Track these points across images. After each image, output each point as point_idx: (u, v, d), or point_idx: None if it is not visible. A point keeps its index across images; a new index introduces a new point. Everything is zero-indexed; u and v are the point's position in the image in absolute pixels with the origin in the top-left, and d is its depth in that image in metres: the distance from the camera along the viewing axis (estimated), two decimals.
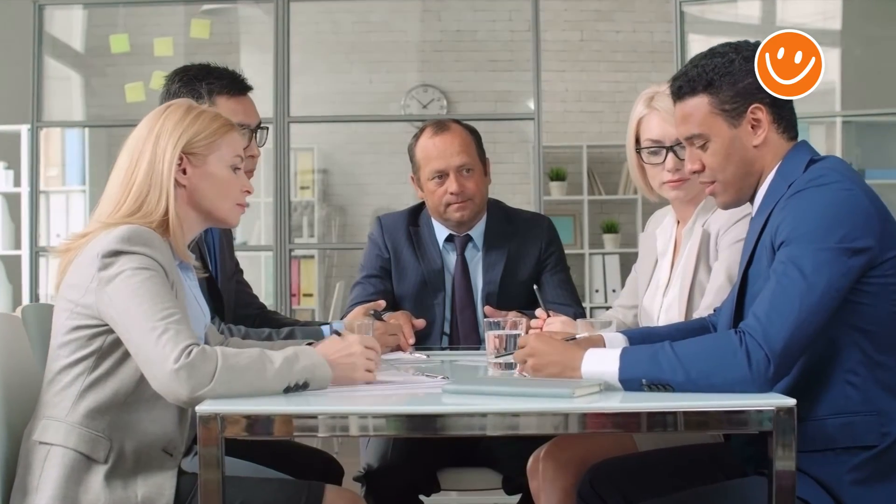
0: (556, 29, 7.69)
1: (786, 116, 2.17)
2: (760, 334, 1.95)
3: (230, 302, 2.90)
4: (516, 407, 1.89)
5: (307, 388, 2.04)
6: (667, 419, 1.87)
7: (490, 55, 7.85)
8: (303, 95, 6.83)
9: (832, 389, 2.04)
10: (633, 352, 2.03)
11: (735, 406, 1.88)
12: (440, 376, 2.26)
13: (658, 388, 1.97)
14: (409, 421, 1.88)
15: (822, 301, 1.97)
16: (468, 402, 1.97)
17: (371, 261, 3.28)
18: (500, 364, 2.35)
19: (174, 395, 1.98)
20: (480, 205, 3.22)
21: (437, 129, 3.21)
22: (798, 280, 1.97)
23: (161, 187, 2.17)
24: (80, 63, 6.66)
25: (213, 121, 2.24)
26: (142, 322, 2.00)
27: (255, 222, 7.57)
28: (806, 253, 1.98)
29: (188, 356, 1.96)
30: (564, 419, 1.87)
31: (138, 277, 2.04)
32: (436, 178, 3.17)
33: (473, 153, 3.20)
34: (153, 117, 2.23)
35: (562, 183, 7.84)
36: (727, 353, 1.95)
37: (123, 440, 2.10)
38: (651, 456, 2.42)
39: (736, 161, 2.16)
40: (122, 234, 2.08)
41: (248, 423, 1.87)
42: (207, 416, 1.85)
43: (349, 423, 1.87)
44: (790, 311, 1.96)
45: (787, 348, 1.95)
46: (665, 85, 2.42)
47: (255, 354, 2.02)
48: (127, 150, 2.22)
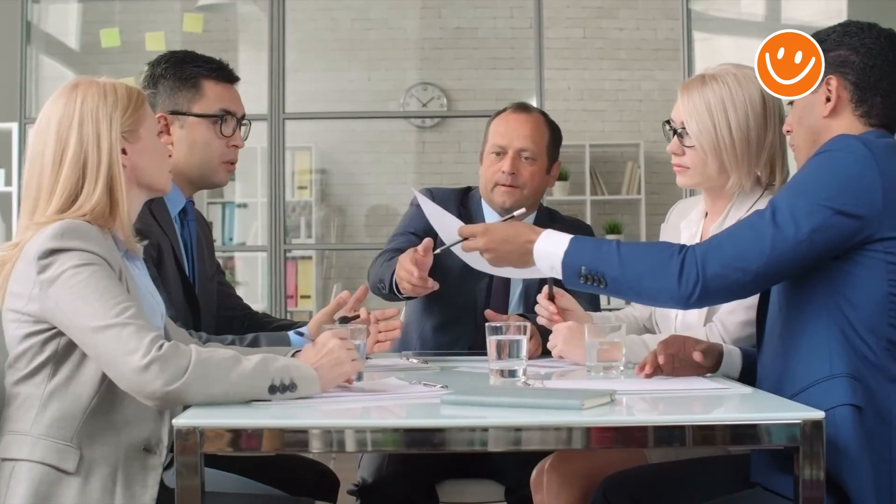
0: (558, 26, 7.63)
1: (873, 103, 2.12)
2: (700, 253, 1.98)
3: (209, 305, 2.77)
4: (519, 420, 1.76)
5: (295, 389, 1.91)
6: (673, 434, 1.75)
7: (491, 53, 7.81)
8: (300, 93, 6.84)
9: (812, 357, 1.99)
10: (583, 240, 2.11)
11: (755, 420, 1.75)
12: (439, 385, 2.12)
13: (593, 281, 2.01)
14: (402, 435, 1.74)
15: (779, 246, 1.95)
16: (468, 415, 1.83)
17: (414, 222, 3.11)
18: (503, 371, 2.22)
19: (145, 391, 1.86)
20: (530, 197, 3.11)
21: (518, 108, 3.18)
22: (766, 218, 1.98)
23: (98, 175, 2.03)
24: (75, 61, 6.60)
25: (128, 91, 2.10)
26: (96, 321, 1.88)
27: (252, 223, 7.48)
28: (787, 198, 1.99)
29: (159, 349, 1.85)
30: (568, 433, 1.74)
31: (82, 275, 1.92)
32: (495, 152, 3.10)
33: (541, 144, 3.11)
34: (64, 102, 2.05)
35: (564, 183, 7.79)
36: (663, 260, 2.00)
37: (96, 447, 1.98)
38: (668, 468, 2.29)
39: (805, 126, 2.17)
40: (55, 231, 1.95)
41: (232, 438, 1.73)
42: (186, 431, 1.71)
43: (318, 438, 1.73)
44: (739, 244, 1.97)
45: (719, 277, 1.96)
46: None
47: (229, 353, 1.92)
48: (43, 142, 2.05)
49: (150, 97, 2.68)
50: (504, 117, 3.15)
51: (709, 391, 2.06)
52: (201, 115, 2.69)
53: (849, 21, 2.19)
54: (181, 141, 2.68)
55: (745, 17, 6.67)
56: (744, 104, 2.43)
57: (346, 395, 2.00)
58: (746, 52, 2.44)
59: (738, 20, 6.56)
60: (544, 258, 2.13)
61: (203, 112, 2.69)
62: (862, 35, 2.14)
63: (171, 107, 2.69)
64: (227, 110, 2.71)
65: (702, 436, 1.74)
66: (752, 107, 2.43)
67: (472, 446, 1.73)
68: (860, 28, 2.15)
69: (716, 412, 1.83)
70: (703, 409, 1.91)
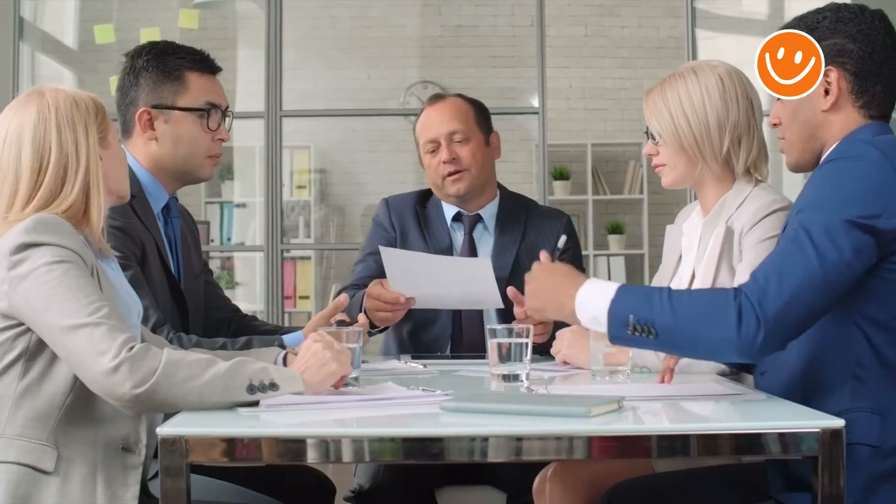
0: (559, 24, 7.58)
1: (874, 92, 2.04)
2: (756, 296, 1.82)
3: (196, 303, 2.69)
4: (523, 429, 1.66)
5: (277, 388, 1.85)
6: (679, 443, 1.66)
7: (492, 51, 7.74)
8: (299, 92, 6.81)
9: (837, 385, 1.91)
10: (631, 288, 1.93)
11: (769, 428, 1.66)
12: (438, 391, 2.03)
13: (642, 331, 1.84)
14: (399, 445, 1.65)
15: (830, 274, 1.84)
16: (469, 423, 1.74)
17: (375, 240, 3.11)
18: (505, 376, 2.14)
19: (114, 393, 1.81)
20: (479, 176, 3.07)
21: (432, 100, 3.15)
22: (806, 247, 1.85)
23: (76, 178, 2.02)
24: (73, 59, 6.57)
25: (94, 100, 2.11)
26: (68, 320, 1.84)
27: (250, 222, 7.42)
28: (818, 220, 1.87)
29: (129, 350, 1.80)
30: (569, 443, 1.64)
31: (55, 272, 1.88)
32: (430, 150, 3.07)
33: (470, 122, 3.08)
34: (35, 109, 2.03)
35: (565, 182, 7.74)
36: (719, 307, 1.83)
37: (73, 446, 1.93)
38: (677, 477, 2.21)
39: (801, 121, 2.08)
40: (28, 225, 1.92)
41: (224, 448, 1.63)
42: (171, 440, 1.62)
43: (314, 448, 1.64)
44: (791, 278, 1.83)
45: (782, 316, 1.81)
46: None
47: (203, 355, 1.87)
48: (17, 147, 2.01)
49: (131, 90, 2.61)
50: (424, 114, 3.12)
51: (720, 396, 1.98)
52: (187, 108, 2.61)
53: (837, 5, 2.09)
54: (166, 135, 2.60)
55: (748, 16, 6.62)
56: (699, 93, 2.44)
57: (341, 401, 1.91)
58: (749, 51, 2.39)
59: (742, 18, 6.51)
60: (586, 309, 1.93)
61: (188, 105, 2.62)
62: (856, 20, 2.04)
63: (154, 100, 2.61)
64: (213, 103, 2.64)
65: (712, 445, 1.65)
66: (707, 93, 2.43)
67: (472, 456, 1.64)
68: (853, 13, 2.05)
69: (727, 420, 1.73)
70: (713, 416, 1.82)
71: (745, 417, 1.74)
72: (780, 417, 1.73)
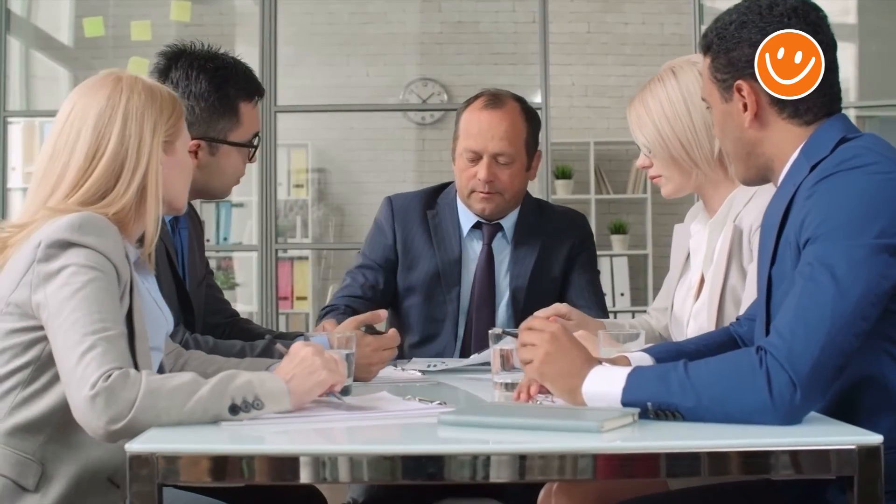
0: (561, 20, 7.51)
1: (800, 98, 1.85)
2: (784, 353, 1.63)
3: (200, 310, 2.60)
4: (531, 447, 1.52)
5: (262, 407, 1.71)
6: (694, 462, 1.52)
7: (493, 48, 7.67)
8: (296, 88, 6.75)
9: (876, 418, 1.73)
10: (642, 372, 1.74)
11: (799, 445, 1.52)
12: (437, 401, 1.89)
13: (665, 416, 1.66)
14: (390, 464, 1.50)
15: (858, 309, 1.65)
16: (469, 438, 1.61)
17: (372, 248, 2.95)
18: (508, 385, 2.00)
19: (90, 426, 1.67)
20: (511, 202, 2.91)
21: (490, 102, 2.87)
22: (828, 285, 1.66)
23: (133, 178, 1.89)
24: (67, 56, 6.55)
25: (172, 99, 1.98)
26: (71, 333, 1.71)
27: (246, 221, 7.33)
28: (836, 251, 1.68)
29: (107, 380, 1.65)
30: (573, 462, 1.51)
31: (82, 277, 1.75)
32: (469, 157, 2.85)
33: (520, 143, 2.87)
34: (107, 95, 1.91)
35: (568, 181, 7.62)
36: (744, 375, 1.64)
37: (59, 466, 1.82)
38: (691, 494, 2.06)
39: (732, 139, 1.93)
40: (73, 222, 1.79)
41: (206, 468, 1.50)
42: (142, 458, 1.48)
43: (301, 467, 1.50)
44: (819, 324, 1.64)
45: (816, 370, 1.62)
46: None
47: (186, 377, 1.71)
48: (76, 131, 1.89)
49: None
50: (476, 115, 2.86)
51: None
52: (237, 143, 2.50)
53: (748, 3, 1.89)
54: (210, 166, 2.50)
55: None
56: (679, 95, 2.34)
57: (329, 414, 1.78)
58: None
59: None
60: (597, 401, 1.74)
61: (239, 141, 2.51)
62: (762, 22, 1.86)
63: (208, 132, 2.48)
64: (256, 133, 2.54)
65: (737, 464, 1.51)
66: (688, 94, 2.33)
67: (474, 476, 1.50)
68: (759, 13, 1.86)
69: (753, 435, 1.56)
70: (737, 431, 1.62)
71: (771, 432, 1.58)
72: (810, 433, 1.58)
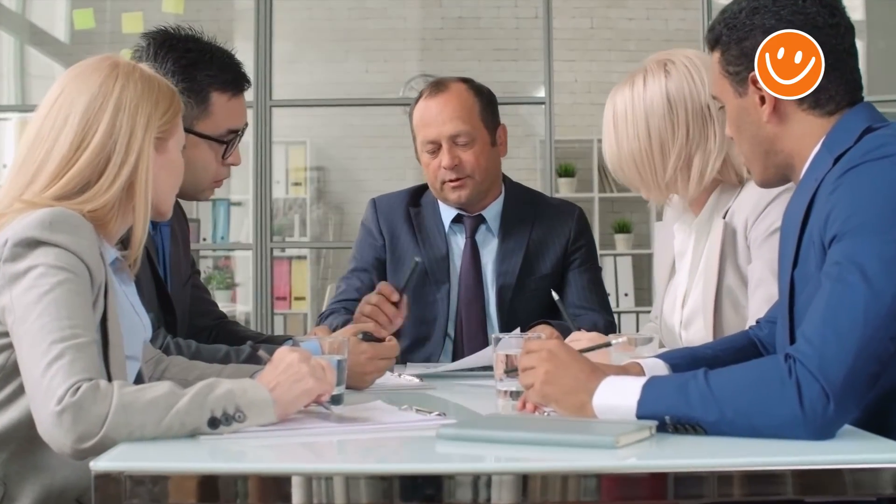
0: (564, 16, 7.43)
1: (821, 87, 1.76)
2: (815, 362, 1.51)
3: (184, 313, 2.44)
4: (538, 465, 1.39)
5: (244, 419, 1.57)
6: (712, 482, 1.38)
7: (494, 43, 7.59)
8: (295, 85, 6.66)
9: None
10: (659, 382, 1.62)
11: (841, 462, 1.38)
12: (435, 412, 1.74)
13: (686, 430, 1.53)
14: (382, 485, 1.36)
15: (893, 311, 1.53)
16: (471, 454, 1.48)
17: (362, 251, 2.87)
18: (513, 393, 1.87)
19: (57, 445, 1.53)
20: (483, 182, 2.77)
21: (433, 89, 2.78)
22: (858, 285, 1.54)
23: (119, 172, 1.74)
24: (62, 51, 6.44)
25: (170, 93, 1.85)
26: (37, 340, 1.57)
27: (244, 220, 7.27)
28: (866, 248, 1.57)
29: (74, 393, 1.50)
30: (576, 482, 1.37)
31: (51, 279, 1.61)
32: (429, 150, 2.75)
33: (474, 119, 2.75)
34: (100, 81, 1.76)
35: (570, 179, 7.53)
36: (772, 386, 1.52)
37: (22, 485, 1.68)
38: None
39: (748, 137, 1.85)
40: (43, 219, 1.65)
41: (184, 486, 1.36)
42: (108, 477, 1.34)
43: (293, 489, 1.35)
44: (851, 329, 1.52)
45: (850, 379, 1.50)
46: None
47: (162, 389, 1.56)
48: (62, 118, 1.75)
49: None
50: (423, 106, 2.77)
51: None
52: (205, 136, 2.34)
53: None
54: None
55: None
56: (642, 111, 2.29)
57: (317, 427, 1.65)
58: None
59: None
60: (610, 415, 1.61)
61: (207, 133, 2.34)
62: (776, 6, 1.78)
63: None
64: (233, 129, 2.36)
65: (770, 485, 1.37)
66: (650, 109, 2.28)
67: (476, 498, 1.35)
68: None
69: (785, 453, 1.42)
70: (767, 448, 1.48)
71: (803, 449, 1.44)
72: (847, 450, 1.43)
